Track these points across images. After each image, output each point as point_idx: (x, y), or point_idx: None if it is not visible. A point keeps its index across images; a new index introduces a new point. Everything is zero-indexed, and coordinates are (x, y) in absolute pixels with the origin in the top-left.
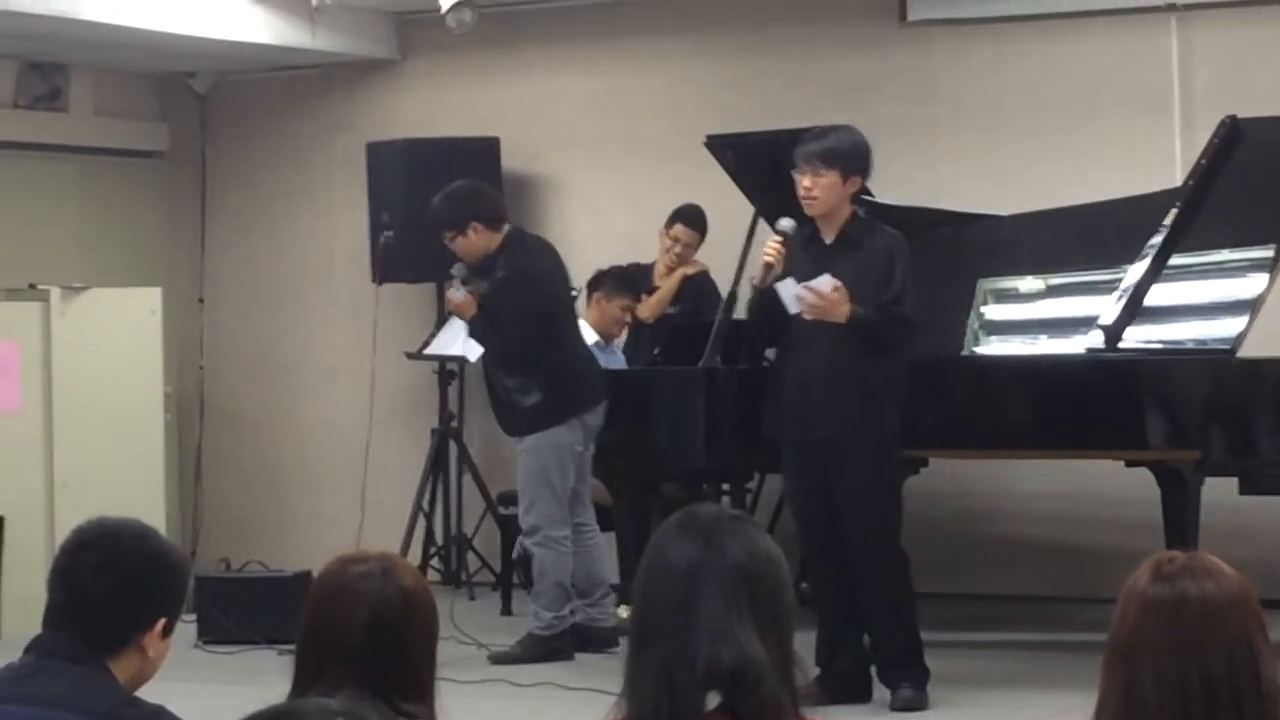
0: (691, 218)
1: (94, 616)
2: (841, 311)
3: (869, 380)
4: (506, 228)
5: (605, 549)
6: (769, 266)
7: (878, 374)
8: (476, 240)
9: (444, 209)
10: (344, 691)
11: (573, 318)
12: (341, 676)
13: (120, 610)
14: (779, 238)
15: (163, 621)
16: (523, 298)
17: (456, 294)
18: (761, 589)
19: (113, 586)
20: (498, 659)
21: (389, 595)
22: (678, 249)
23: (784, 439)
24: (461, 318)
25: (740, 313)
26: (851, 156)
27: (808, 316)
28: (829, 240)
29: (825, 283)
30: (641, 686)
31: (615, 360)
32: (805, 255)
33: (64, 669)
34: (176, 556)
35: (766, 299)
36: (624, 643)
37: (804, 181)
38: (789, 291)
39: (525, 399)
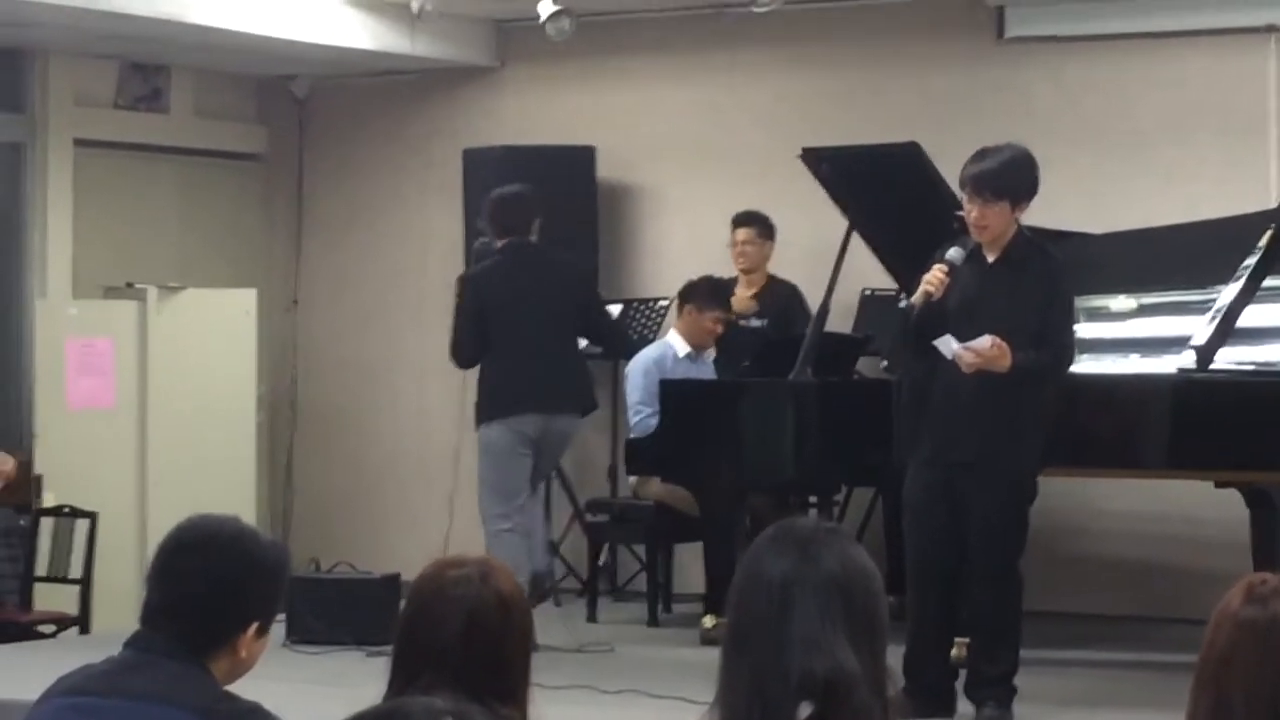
0: (744, 218)
1: (190, 618)
2: (1003, 365)
3: (1016, 409)
4: (508, 240)
5: (521, 548)
6: (928, 295)
7: (1026, 403)
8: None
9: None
10: (440, 694)
11: (524, 325)
12: (437, 679)
13: (215, 613)
14: (945, 266)
15: (257, 624)
16: (460, 299)
17: None
18: (856, 601)
19: (208, 590)
20: None
21: (485, 600)
22: (741, 249)
23: (920, 457)
24: None
25: (834, 325)
26: (1022, 182)
27: (967, 371)
28: (992, 259)
29: (984, 342)
30: (734, 695)
31: (705, 371)
32: (967, 271)
33: (162, 664)
34: (273, 559)
35: (921, 321)
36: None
37: (974, 212)
38: (948, 347)
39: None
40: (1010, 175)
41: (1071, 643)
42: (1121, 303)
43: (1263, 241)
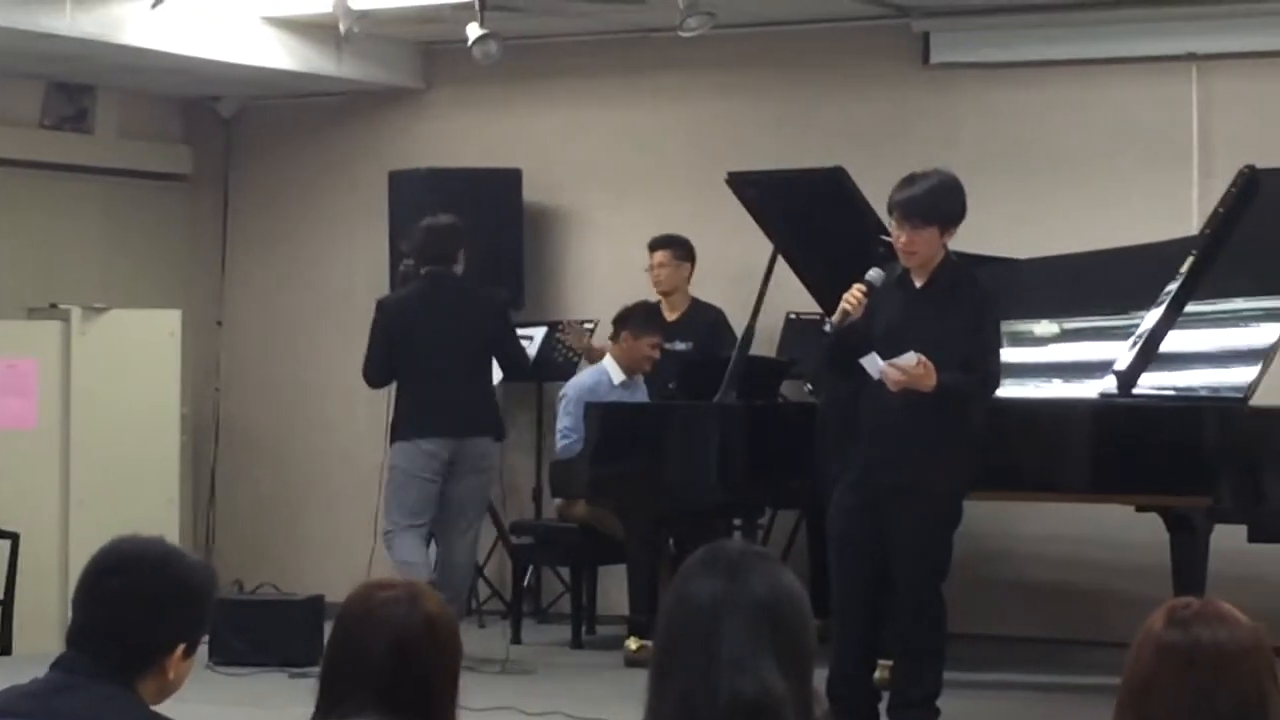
0: (660, 241)
1: (117, 639)
2: (928, 385)
3: (943, 432)
4: (430, 269)
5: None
6: (846, 314)
7: (953, 427)
8: None
9: None
10: (368, 716)
11: (438, 353)
12: (365, 700)
13: (142, 634)
14: (864, 286)
15: (184, 645)
16: (373, 325)
17: None
18: (783, 624)
19: (135, 611)
20: None
21: (414, 622)
22: (657, 273)
23: (848, 478)
24: None
25: (759, 349)
26: (949, 207)
27: (893, 389)
28: (919, 284)
29: (909, 359)
30: (662, 717)
31: (639, 396)
32: (895, 296)
33: (89, 686)
34: (200, 580)
35: (841, 341)
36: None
37: (902, 238)
38: (874, 365)
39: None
40: (938, 200)
41: (993, 665)
42: (1045, 327)
43: (1184, 267)
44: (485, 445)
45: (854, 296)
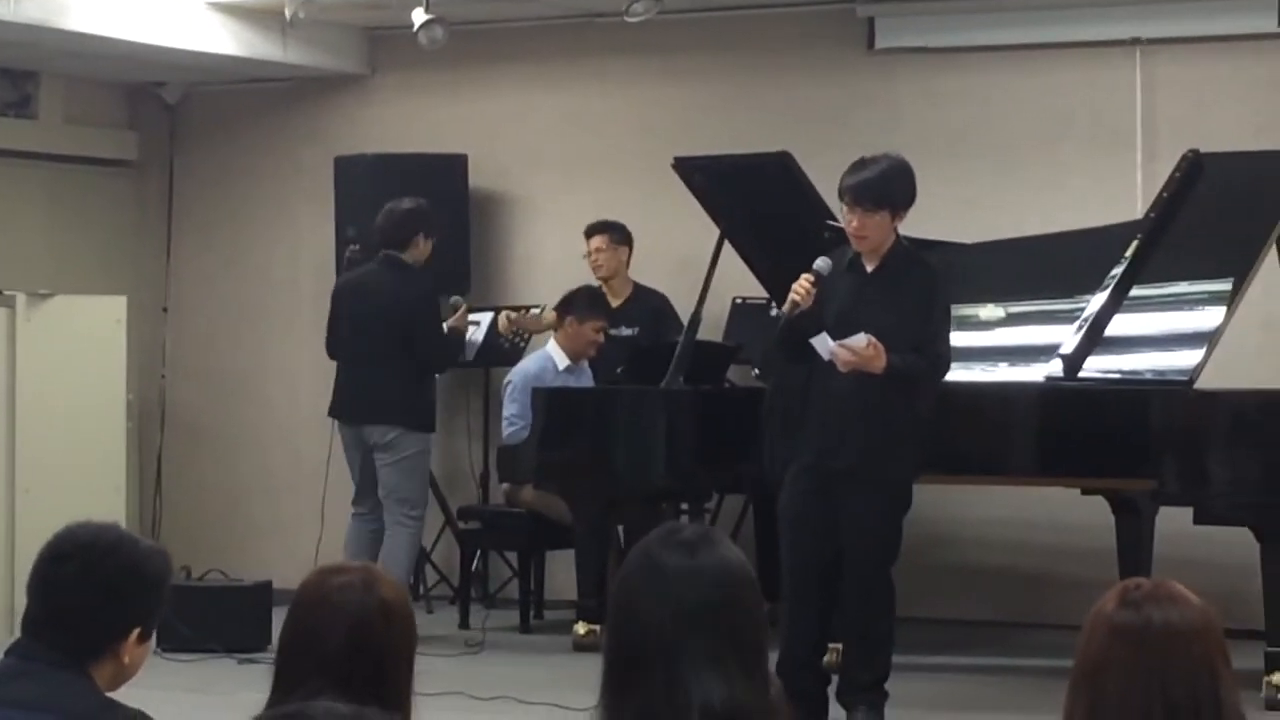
0: (595, 227)
1: (71, 626)
2: (878, 366)
3: (895, 417)
4: (381, 252)
5: (398, 546)
6: (795, 305)
7: (905, 411)
8: None
9: None
10: (324, 699)
11: (351, 338)
12: (321, 685)
13: (97, 620)
14: (811, 276)
15: (138, 630)
16: None
17: None
18: (741, 622)
19: (89, 598)
20: None
21: (369, 606)
22: (595, 258)
23: (801, 464)
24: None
25: (705, 334)
26: (901, 191)
27: (843, 370)
28: (870, 268)
29: (860, 340)
30: None
31: (585, 381)
32: (846, 280)
33: (44, 672)
34: (154, 565)
35: (792, 328)
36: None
37: (854, 222)
38: (824, 346)
39: None
40: (889, 185)
41: (941, 648)
42: (990, 311)
43: (1129, 251)
44: (382, 433)
45: (802, 286)
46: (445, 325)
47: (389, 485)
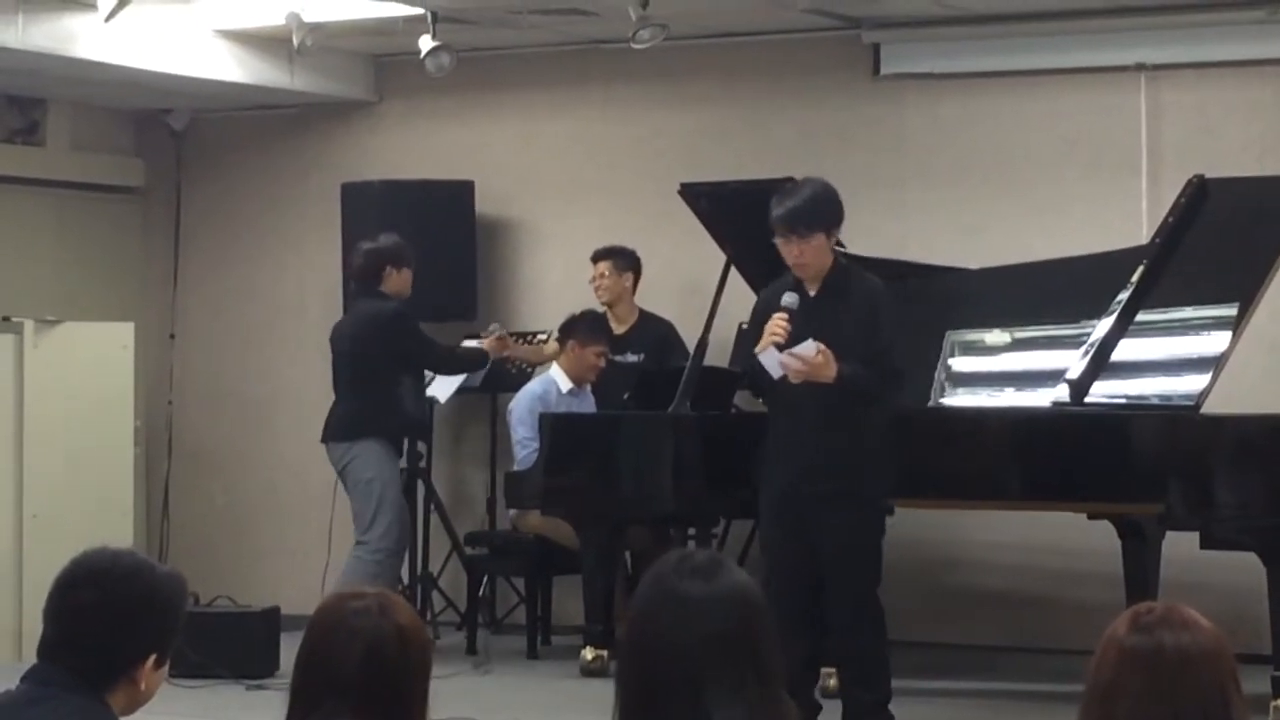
0: (602, 253)
1: (88, 650)
2: (828, 374)
3: (860, 437)
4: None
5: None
6: (777, 345)
7: (868, 431)
8: None
9: None
10: None
11: (340, 369)
12: (336, 710)
13: (112, 647)
14: (784, 314)
15: (154, 655)
16: None
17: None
18: (760, 642)
19: (106, 623)
20: None
21: (385, 632)
22: (599, 282)
23: (773, 493)
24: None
25: (711, 360)
26: (831, 212)
27: (794, 381)
28: (813, 292)
29: (809, 348)
30: None
31: (587, 406)
32: (790, 316)
33: (60, 697)
34: (170, 590)
35: (755, 368)
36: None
37: (792, 250)
38: (772, 359)
39: None
40: (819, 207)
41: (949, 672)
42: (996, 337)
43: (1135, 276)
44: (338, 455)
45: (779, 326)
46: (478, 343)
47: (352, 511)
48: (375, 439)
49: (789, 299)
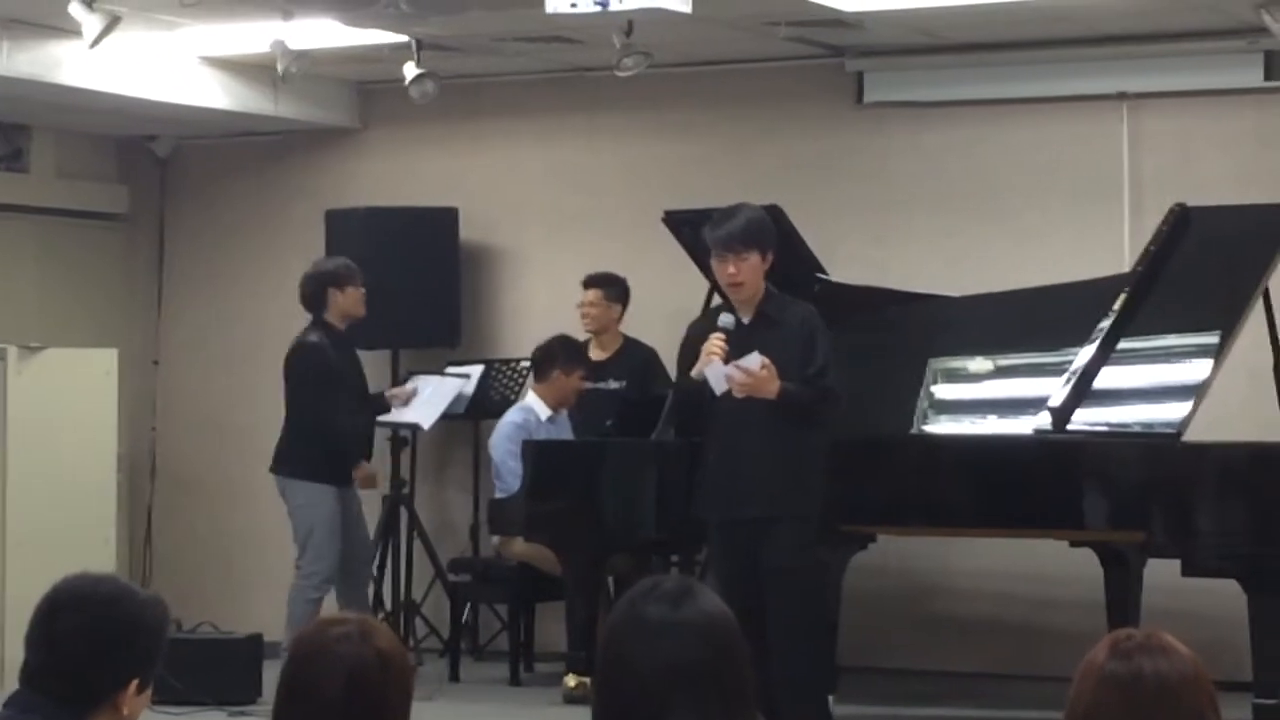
0: (594, 280)
1: (71, 676)
2: (771, 389)
3: (798, 459)
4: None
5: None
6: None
7: (806, 452)
8: None
9: None
10: None
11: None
12: None
13: (96, 671)
14: (721, 334)
15: (137, 681)
16: None
17: None
18: (726, 669)
19: (88, 649)
20: None
21: (366, 657)
22: (586, 311)
23: (712, 519)
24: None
25: None
26: (766, 234)
27: (738, 394)
28: (747, 319)
29: (754, 360)
30: None
31: (565, 432)
32: (727, 336)
33: None
34: (153, 615)
35: (688, 394)
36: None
37: (729, 269)
38: (717, 372)
39: None
40: (753, 228)
41: (931, 700)
42: (979, 364)
43: (1117, 304)
44: (278, 485)
45: (716, 346)
46: (387, 393)
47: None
48: (302, 468)
49: (725, 320)
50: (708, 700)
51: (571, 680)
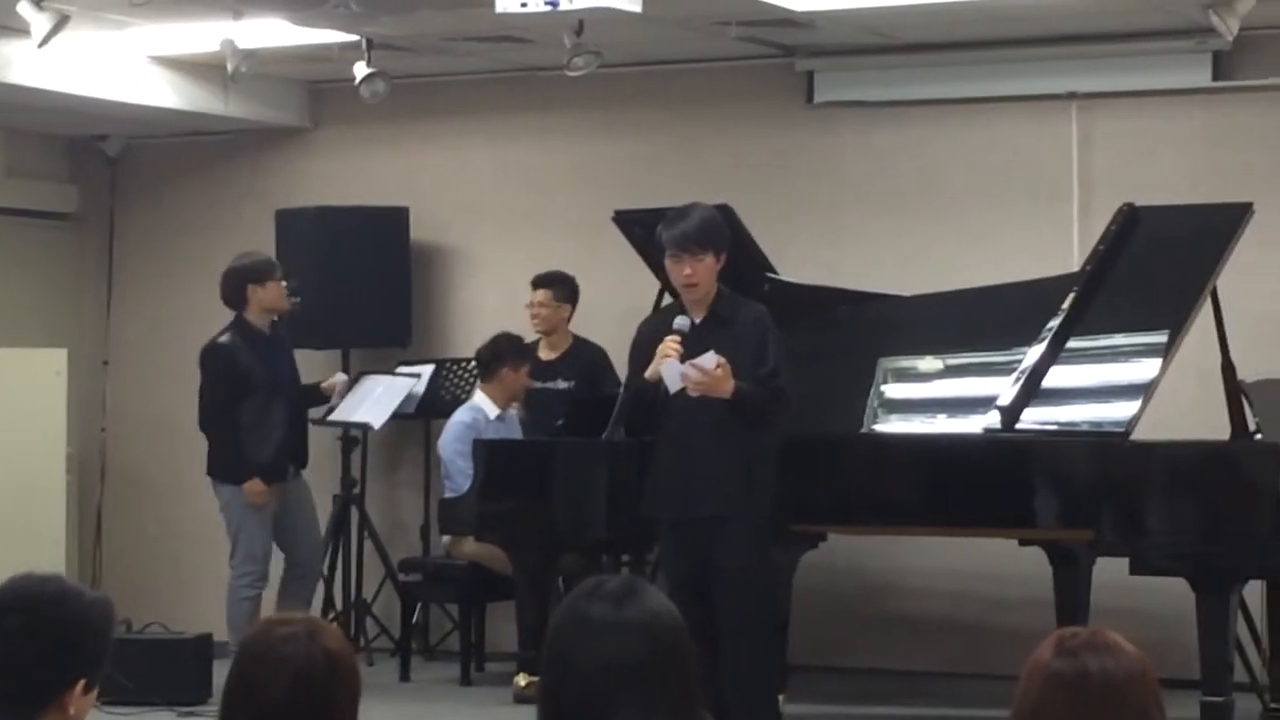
0: (543, 279)
1: (16, 677)
2: (726, 388)
3: (750, 458)
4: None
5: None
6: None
7: (758, 452)
8: None
9: None
10: None
11: None
12: None
13: (42, 672)
14: (677, 336)
15: (84, 681)
16: None
17: None
18: (671, 668)
19: (34, 650)
20: None
21: (314, 657)
22: (536, 311)
23: (664, 518)
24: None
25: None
26: (720, 235)
27: (693, 393)
28: (699, 319)
29: (709, 359)
30: None
31: (514, 431)
32: (683, 339)
33: None
34: (97, 616)
35: (640, 396)
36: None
37: (684, 269)
38: (673, 371)
39: None
40: (707, 228)
41: (882, 698)
42: (929, 364)
43: (1066, 303)
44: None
45: (671, 347)
46: (323, 385)
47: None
48: (218, 470)
49: (680, 322)
50: (653, 700)
51: (522, 680)
